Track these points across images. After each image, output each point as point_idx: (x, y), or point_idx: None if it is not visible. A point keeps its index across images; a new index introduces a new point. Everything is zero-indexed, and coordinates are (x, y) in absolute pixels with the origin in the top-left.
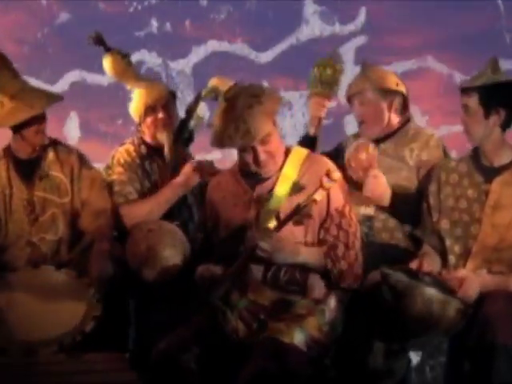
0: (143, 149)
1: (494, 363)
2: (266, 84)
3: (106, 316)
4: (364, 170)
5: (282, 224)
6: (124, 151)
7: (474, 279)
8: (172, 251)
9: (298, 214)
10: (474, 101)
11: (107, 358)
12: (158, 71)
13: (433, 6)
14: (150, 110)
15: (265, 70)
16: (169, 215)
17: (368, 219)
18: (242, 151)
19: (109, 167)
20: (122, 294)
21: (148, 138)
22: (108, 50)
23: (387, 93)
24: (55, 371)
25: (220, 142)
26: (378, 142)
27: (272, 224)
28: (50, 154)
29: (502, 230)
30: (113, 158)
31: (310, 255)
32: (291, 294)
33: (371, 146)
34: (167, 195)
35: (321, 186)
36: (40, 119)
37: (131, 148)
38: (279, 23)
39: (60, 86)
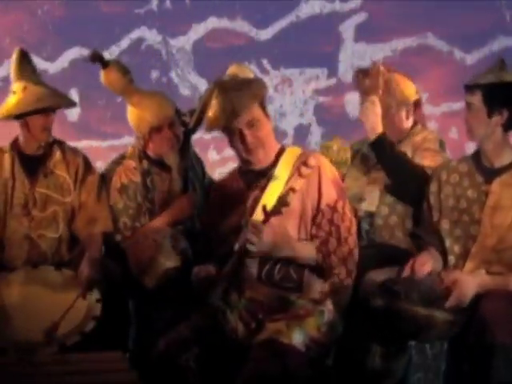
0: (145, 164)
1: (492, 362)
2: (265, 61)
3: (105, 316)
4: (366, 94)
5: (267, 217)
6: (123, 172)
7: (467, 281)
8: (175, 262)
9: (278, 203)
10: (477, 99)
11: (107, 358)
12: (158, 48)
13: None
14: (155, 129)
15: (265, 47)
16: None
17: (369, 216)
18: (231, 136)
19: (105, 187)
20: (122, 294)
21: (151, 153)
22: (106, 65)
23: (405, 103)
24: (55, 371)
25: (209, 124)
26: None
27: (260, 217)
28: (57, 153)
29: (501, 230)
30: (110, 179)
31: (301, 249)
32: (287, 291)
33: (382, 70)
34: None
35: (299, 174)
36: (47, 116)
37: (132, 165)
38: (279, 0)
39: (60, 64)
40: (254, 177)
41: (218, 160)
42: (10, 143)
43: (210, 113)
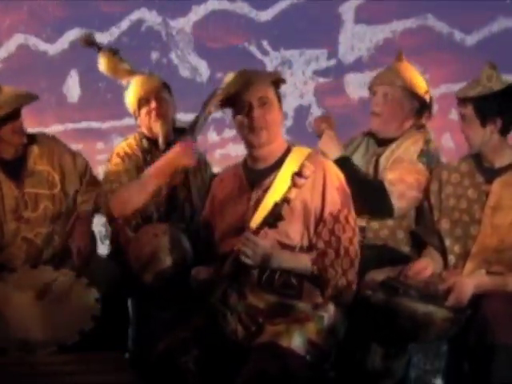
0: (145, 142)
1: (493, 363)
2: (265, 42)
3: (105, 316)
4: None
5: (259, 227)
6: (125, 145)
7: (466, 282)
8: (175, 259)
9: (272, 216)
10: (469, 110)
11: (107, 358)
12: (157, 30)
13: None
14: (143, 101)
15: (265, 28)
16: (172, 215)
17: (360, 230)
18: (239, 111)
19: (109, 160)
20: (121, 293)
21: (146, 131)
22: (99, 49)
23: (414, 96)
24: (55, 371)
25: (223, 91)
26: (380, 144)
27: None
28: (35, 149)
29: (501, 230)
30: (113, 152)
31: (296, 262)
32: (287, 297)
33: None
34: (152, 178)
35: (293, 184)
36: (14, 118)
37: (133, 142)
38: None
39: (60, 45)
40: (257, 176)
41: (218, 141)
42: None
43: (225, 84)
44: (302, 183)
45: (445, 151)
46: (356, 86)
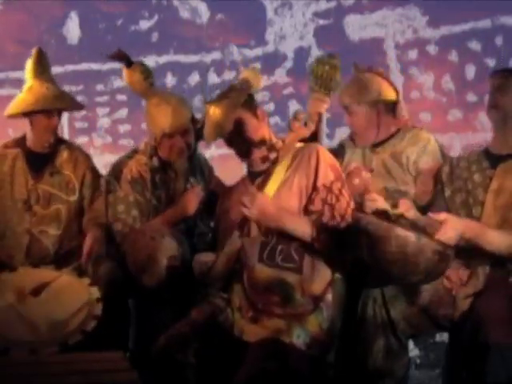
0: (155, 161)
1: (487, 362)
2: None
3: (106, 316)
4: (360, 195)
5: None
6: (133, 166)
7: (456, 220)
8: (173, 261)
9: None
10: None
11: (107, 358)
12: None
13: None
14: (167, 135)
15: None
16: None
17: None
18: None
19: (115, 178)
20: (122, 293)
21: (161, 154)
22: (129, 65)
23: (372, 102)
24: (56, 371)
25: (206, 140)
26: (374, 146)
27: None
28: (64, 153)
29: (503, 211)
30: (120, 171)
31: (296, 223)
32: (287, 270)
33: (364, 172)
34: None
35: (290, 129)
36: (49, 117)
37: (142, 160)
38: None
39: None
40: (258, 172)
41: (219, 83)
42: (16, 139)
43: (205, 130)
44: (297, 127)
45: (444, 93)
46: (356, 27)
